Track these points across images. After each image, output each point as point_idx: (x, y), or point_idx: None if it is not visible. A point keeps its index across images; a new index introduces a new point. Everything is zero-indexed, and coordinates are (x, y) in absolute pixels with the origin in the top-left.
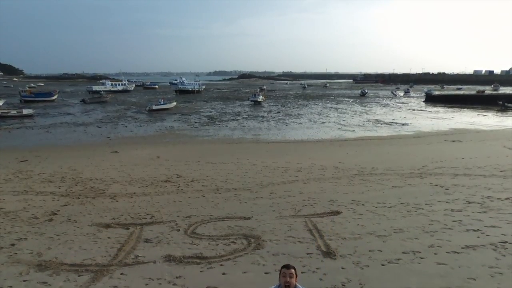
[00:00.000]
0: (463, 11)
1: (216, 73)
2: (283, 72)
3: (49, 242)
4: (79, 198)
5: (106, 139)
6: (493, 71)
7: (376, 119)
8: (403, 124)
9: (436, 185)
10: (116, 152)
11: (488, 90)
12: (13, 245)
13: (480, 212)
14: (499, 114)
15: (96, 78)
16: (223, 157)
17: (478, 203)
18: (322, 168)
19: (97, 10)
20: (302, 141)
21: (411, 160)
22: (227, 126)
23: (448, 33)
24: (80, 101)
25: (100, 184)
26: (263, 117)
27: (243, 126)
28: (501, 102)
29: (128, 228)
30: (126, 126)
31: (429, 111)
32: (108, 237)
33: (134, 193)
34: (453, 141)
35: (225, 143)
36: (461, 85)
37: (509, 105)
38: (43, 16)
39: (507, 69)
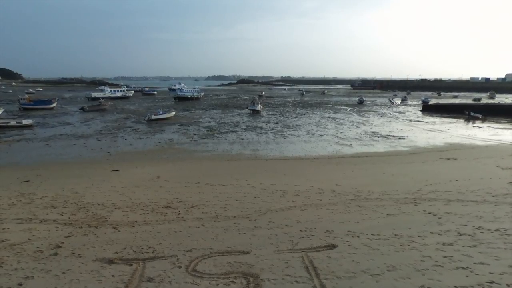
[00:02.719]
0: (461, 13)
1: (215, 77)
2: (282, 77)
3: (56, 282)
4: (82, 227)
5: (106, 154)
6: (489, 78)
7: (373, 131)
8: (399, 138)
9: (430, 213)
10: (117, 170)
11: (484, 97)
12: (20, 284)
13: (470, 246)
14: (466, 123)
15: (95, 83)
16: (222, 178)
17: (469, 235)
18: (319, 192)
19: (97, 14)
20: (300, 158)
21: (406, 182)
22: (226, 139)
23: (446, 35)
24: (79, 109)
25: (102, 210)
26: (261, 128)
27: (242, 139)
28: (467, 112)
29: (131, 265)
30: (125, 139)
31: (426, 122)
32: (112, 275)
33: (136, 221)
34: (448, 159)
35: (224, 160)
36: (458, 92)
37: (475, 114)
38: (43, 19)
39: (503, 76)
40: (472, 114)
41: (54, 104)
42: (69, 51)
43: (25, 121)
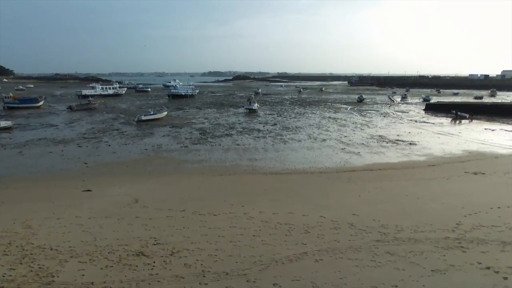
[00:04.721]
0: (457, 9)
1: (210, 73)
2: (278, 73)
3: None
4: None
5: (82, 166)
6: (488, 75)
7: (379, 135)
8: (410, 143)
9: (488, 268)
10: (89, 191)
11: (485, 95)
12: None
13: None
14: (453, 122)
15: (88, 79)
16: (213, 202)
17: None
18: (334, 227)
19: (91, 10)
20: (304, 171)
21: (439, 210)
22: (220, 144)
23: (443, 31)
24: (67, 108)
25: (53, 260)
26: (259, 130)
27: (238, 145)
28: (454, 112)
29: None
30: (109, 145)
31: (433, 123)
32: None
33: (92, 283)
34: (475, 173)
35: (216, 175)
36: (457, 89)
37: (462, 114)
38: (36, 15)
39: (499, 72)
40: (459, 113)
41: (41, 103)
42: (64, 47)
43: (3, 123)
